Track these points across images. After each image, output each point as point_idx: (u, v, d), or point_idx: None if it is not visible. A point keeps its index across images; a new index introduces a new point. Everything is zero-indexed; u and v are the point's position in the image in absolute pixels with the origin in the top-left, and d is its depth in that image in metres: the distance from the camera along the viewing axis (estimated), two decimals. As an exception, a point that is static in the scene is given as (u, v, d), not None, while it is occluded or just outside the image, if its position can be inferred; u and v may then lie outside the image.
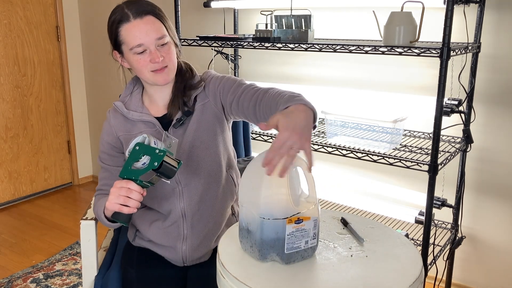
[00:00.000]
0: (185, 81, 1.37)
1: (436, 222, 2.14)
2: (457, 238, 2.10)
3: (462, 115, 1.94)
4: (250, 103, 1.25)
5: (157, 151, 1.13)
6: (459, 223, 2.10)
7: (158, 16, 1.28)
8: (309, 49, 1.94)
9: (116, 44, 1.31)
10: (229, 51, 2.67)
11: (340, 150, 1.91)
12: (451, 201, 2.07)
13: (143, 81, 1.36)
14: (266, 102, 1.19)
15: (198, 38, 2.26)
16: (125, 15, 1.27)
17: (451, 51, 1.62)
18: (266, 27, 2.14)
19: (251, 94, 1.26)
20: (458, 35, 1.97)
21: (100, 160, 1.40)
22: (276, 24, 2.11)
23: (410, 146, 1.96)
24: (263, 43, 2.07)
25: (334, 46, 1.86)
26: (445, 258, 2.15)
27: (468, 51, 1.81)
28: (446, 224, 2.13)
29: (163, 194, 1.35)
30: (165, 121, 1.36)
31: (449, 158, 1.83)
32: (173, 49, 1.31)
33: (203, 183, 1.36)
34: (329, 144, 1.96)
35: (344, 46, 1.83)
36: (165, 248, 1.38)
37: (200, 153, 1.35)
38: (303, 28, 2.04)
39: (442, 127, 1.72)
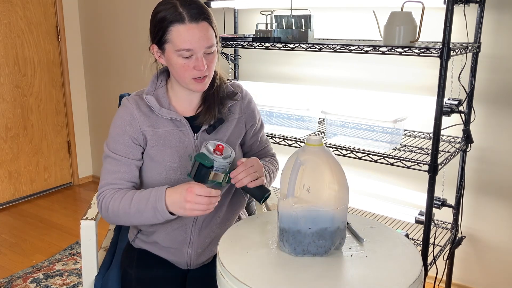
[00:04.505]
0: (222, 90, 1.37)
1: (436, 222, 2.14)
2: (457, 238, 2.10)
3: (462, 115, 1.94)
4: (256, 154, 1.50)
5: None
6: (459, 223, 2.10)
7: (212, 23, 1.24)
8: (309, 49, 1.94)
9: (160, 41, 1.24)
10: (229, 51, 2.67)
11: (340, 150, 1.91)
12: (451, 201, 2.07)
13: (175, 81, 1.32)
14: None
15: (198, 38, 2.26)
16: (179, 15, 1.20)
17: (451, 51, 1.62)
18: (266, 27, 2.15)
19: (262, 153, 1.52)
20: (458, 35, 1.97)
21: (113, 151, 1.30)
22: (276, 24, 2.11)
23: (410, 146, 1.96)
24: (263, 43, 2.07)
25: (334, 46, 1.86)
26: (445, 258, 2.15)
27: (468, 51, 1.81)
28: (446, 224, 2.13)
29: None
30: (193, 123, 1.34)
31: (449, 158, 1.83)
32: (216, 58, 1.29)
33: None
34: (329, 144, 1.96)
35: (344, 46, 1.83)
36: (169, 251, 1.37)
37: None
38: (303, 28, 2.04)
39: (442, 127, 1.73)
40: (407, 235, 1.98)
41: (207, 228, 1.36)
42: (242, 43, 2.15)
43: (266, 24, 2.16)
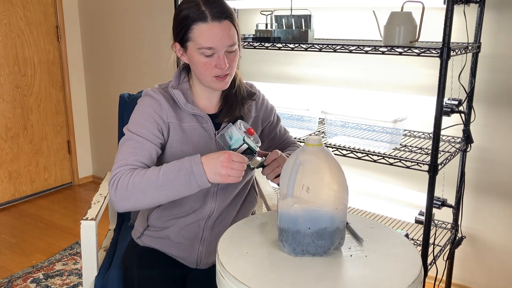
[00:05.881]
0: (242, 90, 1.39)
1: (436, 222, 2.14)
2: (457, 238, 2.10)
3: (462, 115, 1.94)
4: (278, 146, 1.54)
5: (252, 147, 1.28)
6: (459, 223, 2.10)
7: (234, 22, 1.25)
8: (309, 49, 1.94)
9: (183, 39, 1.26)
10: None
11: (340, 150, 1.91)
12: (451, 201, 2.07)
13: (197, 78, 1.33)
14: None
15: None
16: (202, 14, 1.21)
17: (451, 51, 1.62)
18: (266, 27, 2.15)
19: (284, 143, 1.56)
20: (458, 35, 1.97)
21: (137, 133, 1.26)
22: (276, 24, 2.11)
23: (410, 146, 1.96)
24: (263, 43, 2.07)
25: (334, 46, 1.86)
26: (445, 258, 2.15)
27: (468, 51, 1.81)
28: (446, 224, 2.13)
29: (199, 191, 1.32)
30: (213, 120, 1.35)
31: (449, 158, 1.83)
32: (238, 57, 1.30)
33: (237, 187, 1.38)
34: (329, 144, 1.96)
35: (344, 46, 1.83)
36: (180, 247, 1.37)
37: None
38: (303, 28, 2.04)
39: (442, 127, 1.73)
40: (407, 235, 1.98)
41: (220, 225, 1.37)
42: (242, 43, 2.15)
43: (266, 24, 2.16)
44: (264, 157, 1.30)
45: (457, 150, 1.93)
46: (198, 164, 1.16)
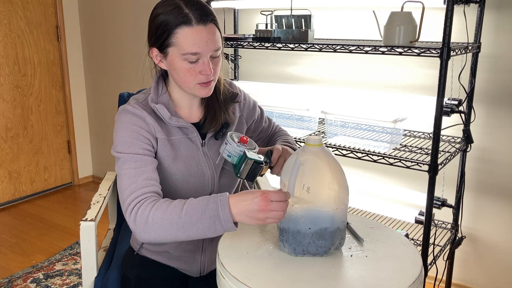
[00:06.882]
0: (225, 95, 1.34)
1: (436, 222, 2.14)
2: (457, 238, 2.10)
3: (462, 115, 1.94)
4: (268, 136, 1.54)
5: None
6: (459, 223, 2.10)
7: (218, 25, 1.19)
8: (309, 49, 1.94)
9: (163, 44, 1.17)
10: (229, 51, 2.67)
11: (340, 150, 1.91)
12: (451, 201, 2.07)
13: (178, 86, 1.26)
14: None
15: (198, 38, 2.26)
16: (186, 17, 1.13)
17: (451, 51, 1.62)
18: (266, 27, 2.15)
19: (271, 132, 1.54)
20: (458, 35, 1.97)
21: (132, 152, 1.18)
22: (276, 24, 2.11)
23: (410, 146, 1.96)
24: (263, 43, 2.07)
25: (334, 46, 1.86)
26: (445, 258, 2.15)
27: (468, 51, 1.81)
28: (446, 224, 2.13)
29: None
30: (198, 128, 1.30)
31: (449, 158, 1.83)
32: (221, 62, 1.24)
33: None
34: (329, 144, 1.96)
35: (344, 46, 1.83)
36: (181, 259, 1.34)
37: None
38: (303, 28, 2.04)
39: (442, 127, 1.73)
40: (407, 235, 1.97)
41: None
42: (242, 43, 2.15)
43: (266, 24, 2.16)
44: (267, 158, 1.25)
45: (457, 150, 1.93)
46: (224, 206, 1.05)
